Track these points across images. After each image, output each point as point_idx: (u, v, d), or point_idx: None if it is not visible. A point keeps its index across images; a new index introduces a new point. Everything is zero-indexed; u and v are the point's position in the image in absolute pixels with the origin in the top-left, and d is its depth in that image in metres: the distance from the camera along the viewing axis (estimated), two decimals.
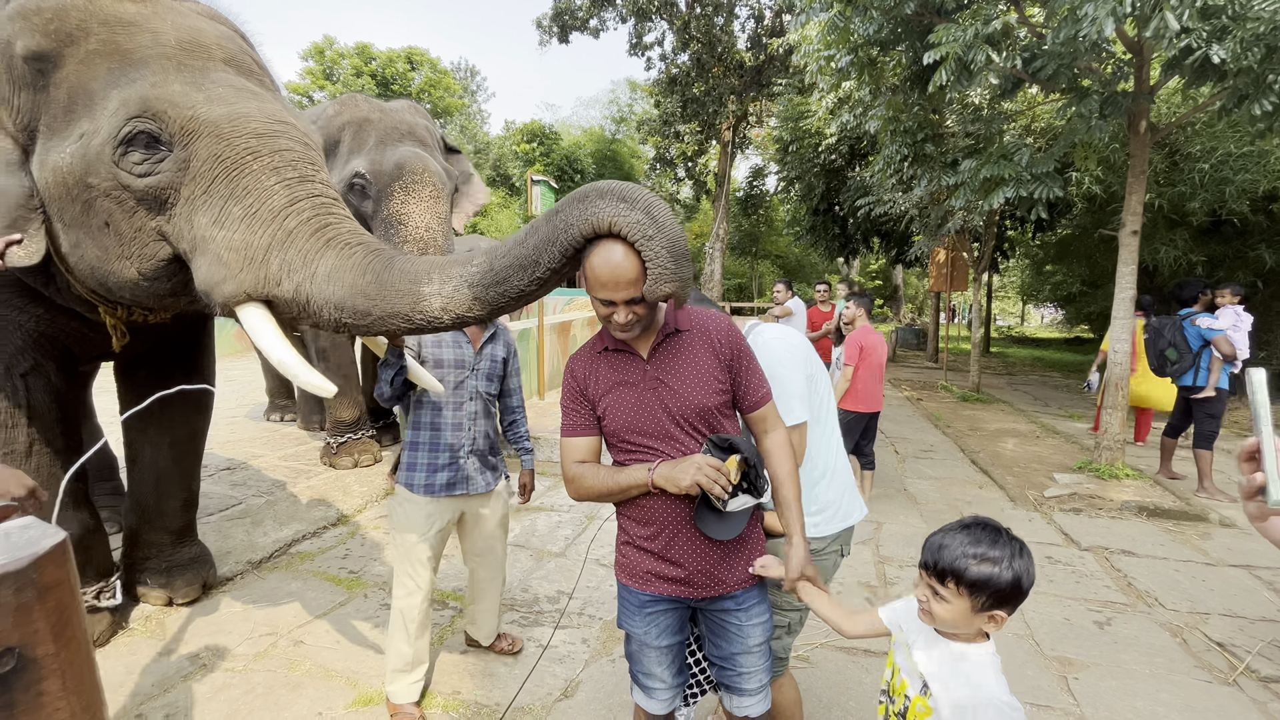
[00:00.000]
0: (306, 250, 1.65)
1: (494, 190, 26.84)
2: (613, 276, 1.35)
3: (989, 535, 1.21)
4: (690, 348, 1.54)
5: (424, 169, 4.14)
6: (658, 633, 1.60)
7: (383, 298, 1.57)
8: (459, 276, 1.53)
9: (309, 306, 1.65)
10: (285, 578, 3.38)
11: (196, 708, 2.34)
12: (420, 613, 2.30)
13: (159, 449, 2.94)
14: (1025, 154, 5.06)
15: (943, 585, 1.22)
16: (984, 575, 1.17)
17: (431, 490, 2.31)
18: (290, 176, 1.76)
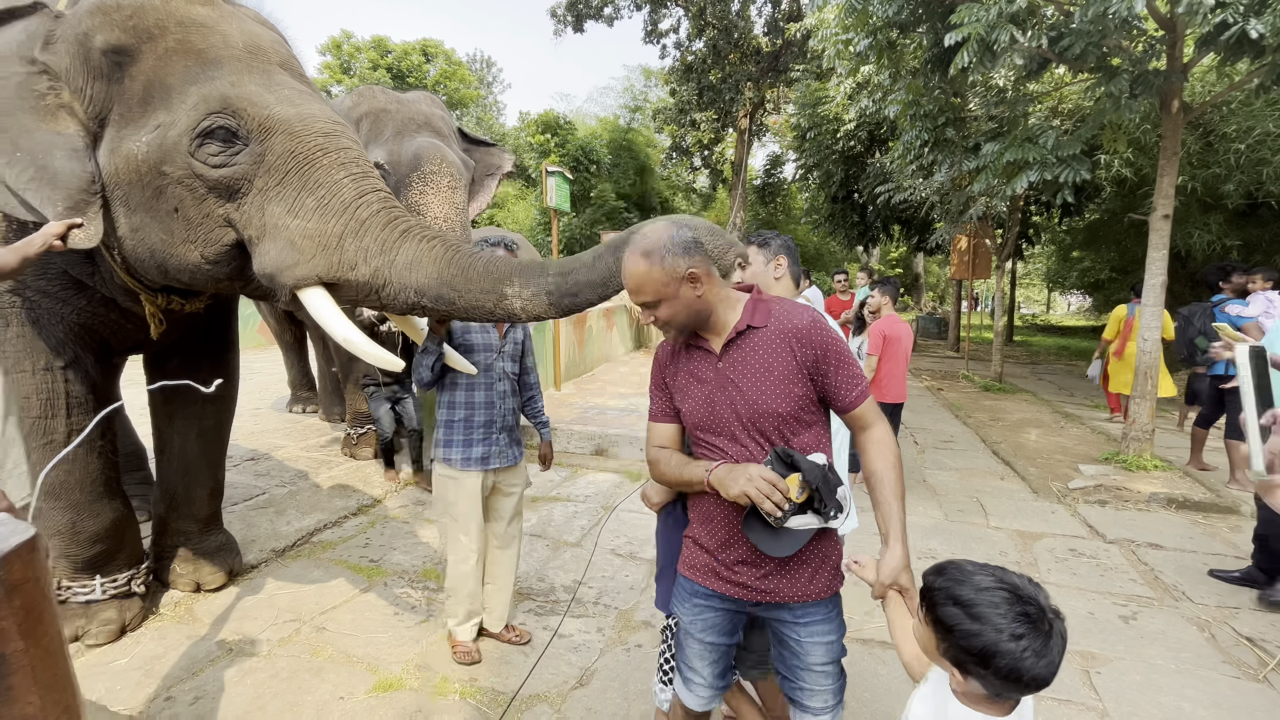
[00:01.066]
0: (384, 239, 1.85)
1: (510, 182, 26.86)
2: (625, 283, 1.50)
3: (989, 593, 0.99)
4: (766, 346, 1.46)
5: (441, 159, 4.15)
6: (703, 627, 1.57)
7: (469, 292, 1.83)
8: (538, 285, 1.84)
9: (384, 289, 1.85)
10: (308, 566, 3.45)
11: (224, 692, 2.41)
12: (474, 572, 2.60)
13: (186, 439, 3.02)
14: (1050, 136, 4.92)
15: (921, 605, 1.10)
16: (948, 621, 1.00)
17: (469, 464, 2.53)
18: (356, 172, 1.94)
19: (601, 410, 6.45)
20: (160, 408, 3.03)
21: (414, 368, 2.43)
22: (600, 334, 9.43)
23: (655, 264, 1.40)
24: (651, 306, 1.44)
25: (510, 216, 23.65)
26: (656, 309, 1.44)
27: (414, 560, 3.54)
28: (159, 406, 3.04)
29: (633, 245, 1.43)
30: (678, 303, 1.43)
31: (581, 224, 21.54)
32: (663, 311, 1.44)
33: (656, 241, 1.41)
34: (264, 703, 2.34)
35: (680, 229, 1.44)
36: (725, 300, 1.51)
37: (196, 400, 3.00)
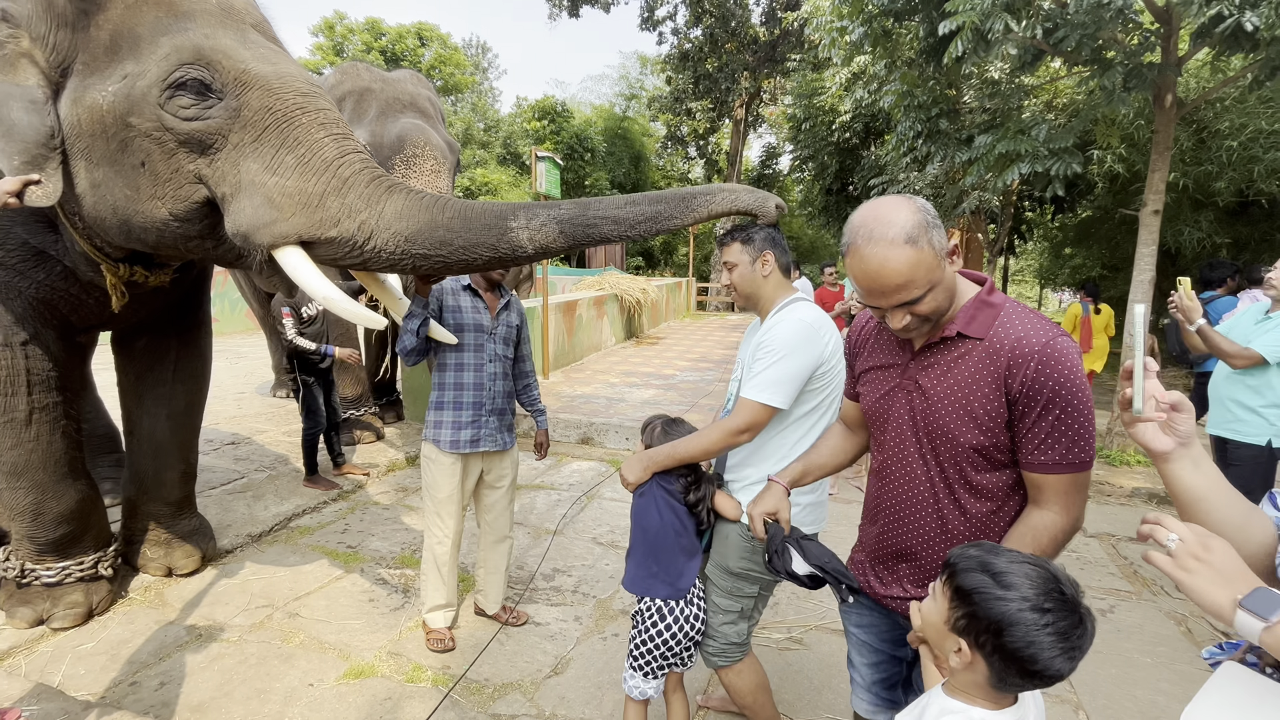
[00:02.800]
0: (369, 195, 1.80)
1: (504, 169, 26.63)
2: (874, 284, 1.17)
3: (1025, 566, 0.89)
4: (974, 363, 1.18)
5: (425, 142, 4.08)
6: (856, 619, 1.50)
7: (467, 230, 1.76)
8: (546, 213, 1.77)
9: (369, 243, 1.79)
10: (284, 551, 3.41)
11: (190, 677, 2.37)
12: (450, 557, 2.57)
13: (156, 421, 2.95)
14: (1043, 129, 4.88)
15: (941, 576, 0.99)
16: (971, 585, 0.90)
17: (457, 446, 2.48)
18: (337, 133, 1.89)
19: (589, 399, 6.40)
20: (130, 388, 2.97)
21: (400, 335, 2.35)
22: (590, 323, 9.36)
23: (924, 247, 1.12)
24: (912, 303, 1.15)
25: None
26: (920, 303, 1.15)
27: (392, 547, 3.50)
28: (128, 387, 2.97)
29: (879, 234, 1.13)
30: (943, 288, 1.17)
31: None
32: (929, 302, 1.16)
33: (910, 222, 1.12)
34: (230, 689, 2.30)
35: (914, 198, 1.18)
36: (957, 291, 1.23)
37: (166, 381, 2.94)
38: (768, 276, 1.79)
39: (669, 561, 1.76)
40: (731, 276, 1.83)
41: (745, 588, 1.80)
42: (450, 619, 2.64)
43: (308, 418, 4.08)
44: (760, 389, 1.65)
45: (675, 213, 1.73)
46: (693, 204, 1.73)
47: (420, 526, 3.75)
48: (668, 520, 1.75)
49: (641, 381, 7.45)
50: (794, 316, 1.71)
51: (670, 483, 1.77)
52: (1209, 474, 0.92)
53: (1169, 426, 0.93)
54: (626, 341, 11.10)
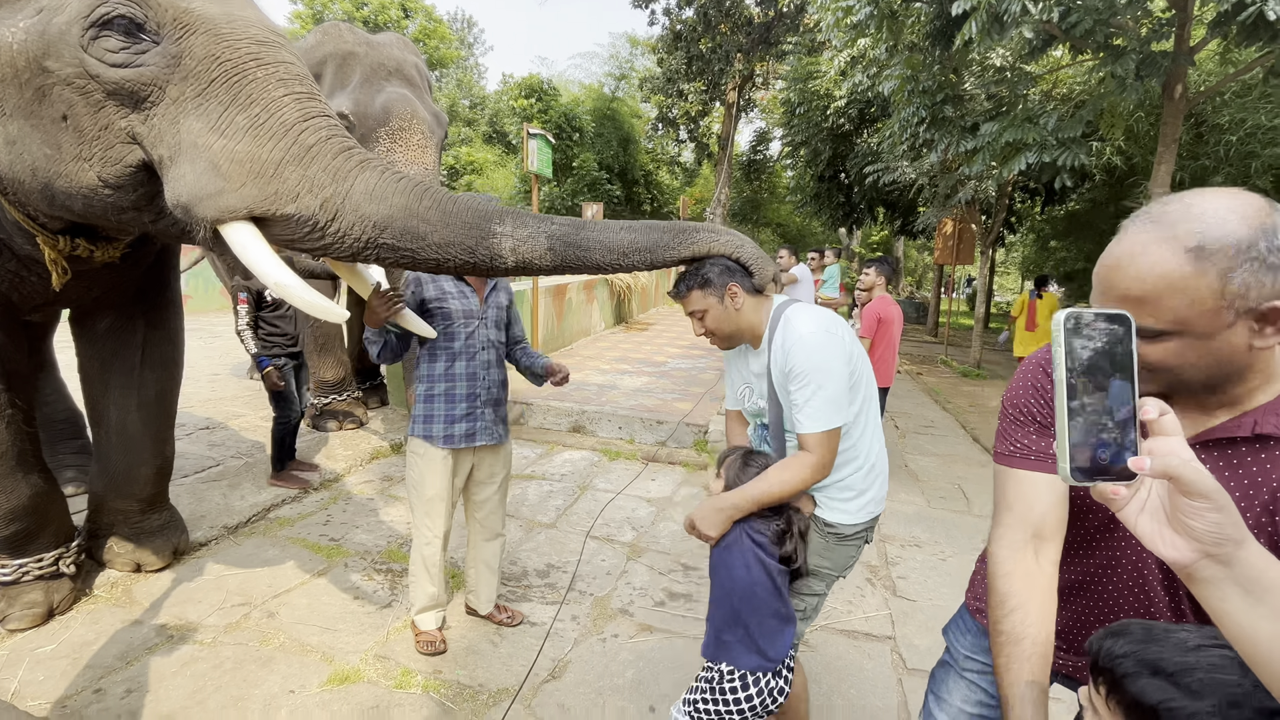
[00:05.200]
0: (336, 168, 1.55)
1: (490, 147, 26.05)
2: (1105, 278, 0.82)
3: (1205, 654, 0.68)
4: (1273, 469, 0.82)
5: (412, 114, 3.85)
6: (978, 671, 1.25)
7: (445, 225, 1.54)
8: (536, 225, 1.58)
9: (333, 225, 1.53)
10: (262, 544, 3.23)
11: (160, 684, 2.20)
12: (439, 557, 2.42)
13: (126, 412, 2.72)
14: (1052, 117, 4.78)
15: (1095, 686, 0.75)
16: (1150, 698, 0.67)
17: (451, 441, 2.33)
18: (300, 91, 1.61)
19: (580, 386, 6.25)
20: (95, 375, 2.73)
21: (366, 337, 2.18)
22: (580, 307, 9.17)
23: (1209, 272, 0.74)
24: (1142, 335, 0.77)
25: (489, 184, 22.99)
26: (1153, 342, 0.79)
27: (377, 540, 3.34)
28: (92, 374, 2.73)
29: (1168, 221, 0.77)
30: (1205, 349, 0.78)
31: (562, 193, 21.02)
32: (1163, 351, 0.79)
33: (1229, 232, 0.74)
34: (204, 697, 2.14)
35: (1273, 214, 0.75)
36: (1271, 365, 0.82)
37: (134, 367, 2.71)
38: (740, 308, 1.65)
39: (758, 625, 1.50)
40: (706, 324, 1.68)
41: (815, 585, 1.71)
42: (441, 620, 2.50)
43: (280, 406, 3.74)
44: (821, 419, 1.54)
45: (673, 244, 1.59)
46: (694, 238, 1.59)
47: (407, 518, 3.59)
48: (757, 576, 1.51)
49: (633, 368, 7.30)
50: (803, 330, 1.59)
51: (758, 531, 1.54)
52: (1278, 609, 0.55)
53: (1175, 517, 0.57)
54: (616, 327, 10.93)
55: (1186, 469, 0.55)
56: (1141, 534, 0.59)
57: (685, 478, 4.48)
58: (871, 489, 1.70)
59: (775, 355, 1.64)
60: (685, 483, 4.38)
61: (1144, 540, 0.59)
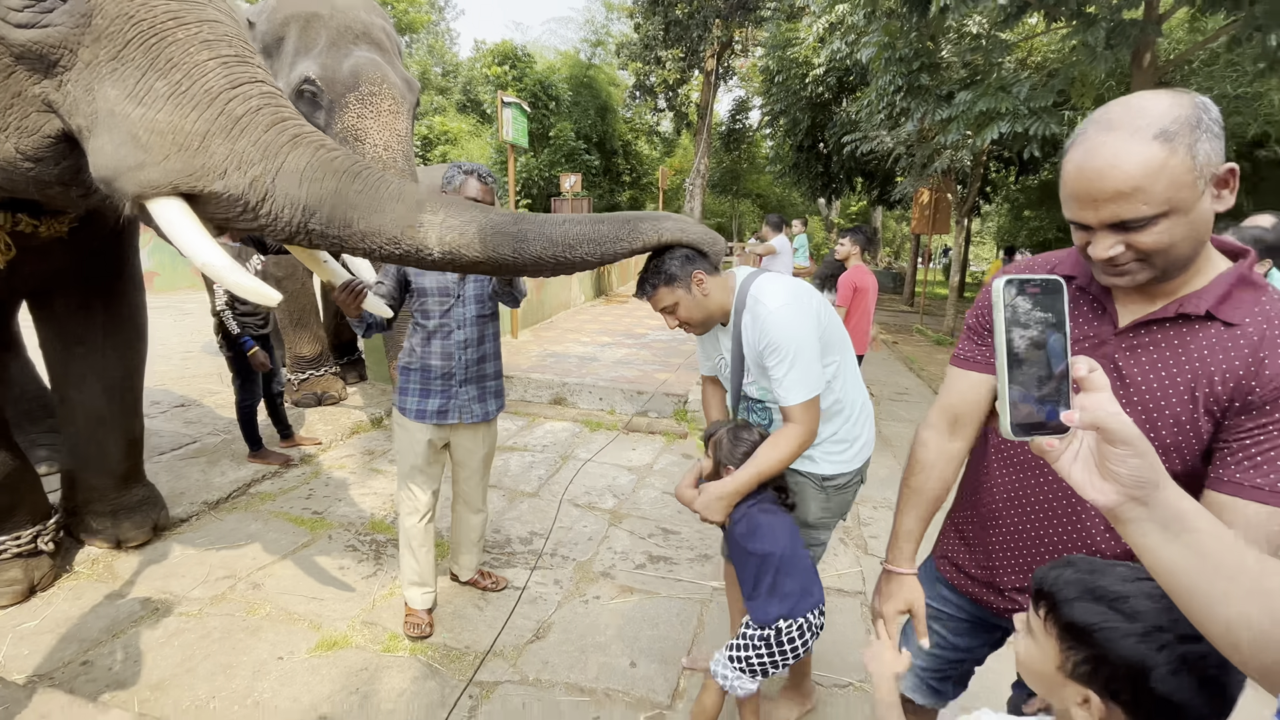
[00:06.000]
0: (266, 143, 1.42)
1: (464, 117, 25.38)
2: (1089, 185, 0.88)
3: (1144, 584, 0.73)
4: (1207, 347, 0.93)
5: (382, 79, 3.74)
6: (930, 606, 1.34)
7: (373, 211, 1.43)
8: (470, 214, 1.46)
9: (263, 205, 1.41)
10: (244, 519, 3.24)
11: (148, 654, 2.23)
12: (421, 531, 2.40)
13: (90, 390, 2.68)
14: (1024, 86, 4.82)
15: (1035, 609, 0.82)
16: (1085, 619, 0.74)
17: (423, 417, 2.31)
18: (227, 54, 1.47)
19: (560, 358, 6.27)
20: (55, 355, 2.67)
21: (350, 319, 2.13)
22: (559, 280, 9.13)
23: (1180, 151, 0.83)
24: (1135, 226, 0.87)
25: (464, 154, 22.47)
26: (1145, 229, 0.87)
27: (361, 512, 3.37)
28: (53, 354, 2.66)
29: (1125, 123, 0.86)
30: (1188, 222, 0.87)
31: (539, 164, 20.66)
32: (1157, 235, 0.87)
33: (1171, 115, 0.84)
34: (193, 665, 2.18)
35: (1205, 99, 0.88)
36: (1207, 252, 0.95)
37: (96, 347, 2.66)
38: (709, 293, 1.68)
39: (803, 575, 1.63)
40: (679, 317, 1.71)
41: (820, 535, 1.84)
42: (430, 601, 2.47)
43: (242, 387, 3.68)
44: (800, 390, 1.60)
45: (620, 235, 1.50)
46: (640, 228, 1.52)
47: (390, 490, 3.62)
48: (782, 536, 1.62)
49: (613, 340, 7.33)
50: (773, 305, 1.62)
51: (762, 501, 1.65)
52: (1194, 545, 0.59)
53: (1102, 464, 0.62)
54: (596, 299, 10.91)
55: (1112, 419, 0.60)
56: (1074, 481, 0.64)
57: (665, 446, 4.56)
58: (862, 435, 1.80)
59: (747, 333, 1.68)
60: (665, 451, 4.46)
61: (1076, 487, 0.64)
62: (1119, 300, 1.02)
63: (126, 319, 2.76)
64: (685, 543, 3.20)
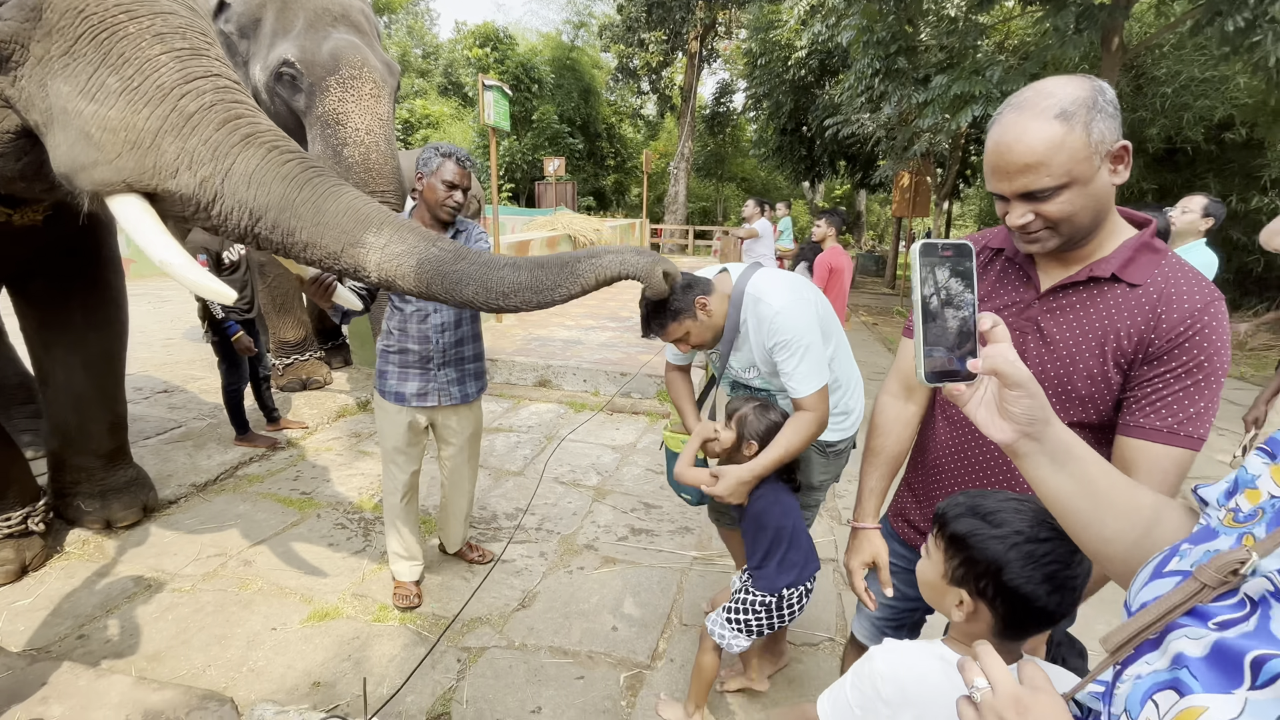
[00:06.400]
0: (217, 143, 1.41)
1: (446, 100, 25.03)
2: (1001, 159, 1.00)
3: (1014, 503, 0.87)
4: (1115, 306, 1.05)
5: (363, 62, 3.74)
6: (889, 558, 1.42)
7: (316, 224, 1.42)
8: (412, 244, 1.44)
9: (213, 206, 1.42)
10: (232, 500, 3.29)
11: (143, 628, 2.30)
12: (403, 509, 2.45)
13: (71, 372, 2.71)
14: (997, 70, 4.92)
15: (932, 531, 0.96)
16: (963, 530, 0.87)
17: (401, 399, 2.33)
18: (180, 47, 1.45)
19: (544, 341, 6.32)
20: (34, 336, 2.69)
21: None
22: None
23: (1076, 129, 0.95)
24: (1041, 196, 0.99)
25: (446, 138, 22.19)
26: (1050, 199, 0.99)
27: (349, 492, 3.43)
28: (33, 335, 2.69)
29: (1032, 104, 0.98)
30: (1088, 193, 0.98)
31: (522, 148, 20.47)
32: (1060, 204, 0.99)
33: (1078, 97, 0.96)
34: (188, 637, 2.25)
35: (1104, 84, 0.99)
36: (1113, 221, 1.07)
37: (75, 328, 2.68)
38: (713, 312, 1.79)
39: (806, 545, 1.79)
40: (691, 342, 1.83)
41: (818, 496, 2.08)
42: (417, 573, 2.54)
43: (228, 371, 3.71)
44: (812, 380, 1.72)
45: (559, 281, 1.46)
46: (577, 270, 1.47)
47: (377, 471, 3.68)
48: (793, 513, 1.77)
49: (597, 324, 7.39)
50: (778, 304, 1.73)
51: (776, 481, 1.78)
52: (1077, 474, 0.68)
53: (1001, 406, 0.69)
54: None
55: (1009, 366, 0.67)
56: (979, 422, 0.72)
57: (648, 426, 4.66)
58: (857, 406, 2.02)
59: (752, 335, 1.80)
60: (648, 430, 4.56)
61: (981, 427, 0.72)
62: (1040, 268, 1.14)
63: (105, 301, 2.78)
64: (666, 516, 3.31)
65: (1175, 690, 0.45)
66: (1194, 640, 0.46)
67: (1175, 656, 0.47)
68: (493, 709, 2.00)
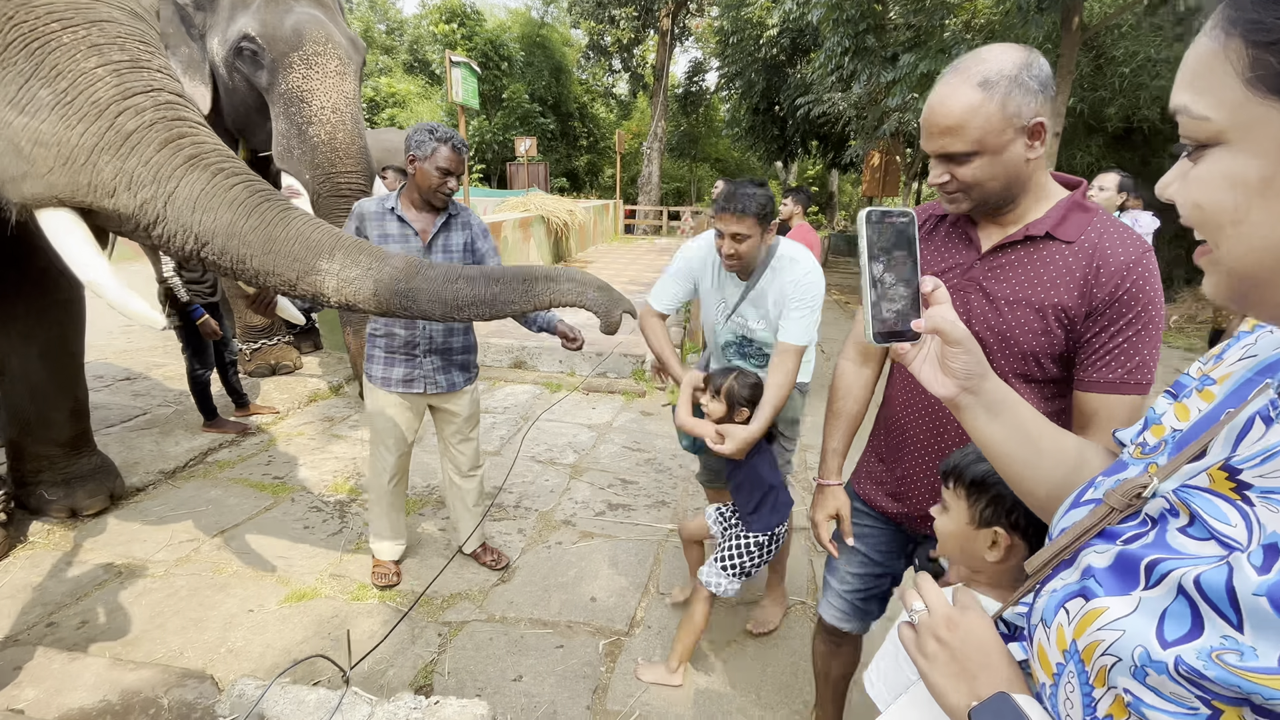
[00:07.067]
0: (158, 164, 1.37)
1: (413, 78, 24.35)
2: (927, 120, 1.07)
3: None
4: (1053, 262, 1.11)
5: (327, 38, 3.64)
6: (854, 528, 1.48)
7: (269, 254, 1.42)
8: (367, 266, 1.46)
9: (154, 228, 1.38)
10: (203, 486, 3.24)
11: (116, 613, 2.27)
12: (390, 491, 2.46)
13: (27, 359, 2.63)
14: (963, 49, 4.98)
15: (946, 486, 0.98)
16: (983, 472, 0.91)
17: (388, 385, 2.33)
18: (118, 60, 1.38)
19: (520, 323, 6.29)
20: None
21: None
22: (516, 245, 9.06)
23: (994, 99, 1.01)
24: (956, 159, 1.06)
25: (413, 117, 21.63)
26: (963, 164, 1.06)
27: (323, 475, 3.41)
28: None
29: (964, 69, 1.04)
30: (999, 163, 1.05)
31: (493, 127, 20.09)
32: (972, 170, 1.06)
33: (1002, 69, 1.01)
34: (163, 620, 2.24)
35: (1037, 58, 1.05)
36: (1040, 185, 1.13)
37: (32, 315, 2.60)
38: (767, 245, 1.99)
39: (785, 489, 2.02)
40: (740, 249, 1.90)
41: (799, 429, 2.35)
42: (398, 553, 2.55)
43: (193, 356, 3.62)
44: (806, 335, 1.95)
45: (512, 299, 1.51)
46: (533, 291, 1.52)
47: (352, 454, 3.66)
48: (775, 463, 2.00)
49: None
50: (810, 265, 1.96)
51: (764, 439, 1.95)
52: (1010, 423, 0.72)
53: (942, 362, 0.72)
54: (555, 265, 10.85)
55: (949, 325, 0.70)
56: (923, 378, 0.74)
57: (624, 405, 4.70)
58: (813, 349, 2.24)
59: (771, 287, 1.99)
60: (624, 409, 4.60)
61: (925, 383, 0.74)
62: (981, 230, 1.19)
63: (59, 286, 2.69)
64: (643, 491, 3.37)
65: (1083, 597, 0.50)
66: (1100, 554, 0.52)
67: (1084, 569, 0.53)
68: (474, 679, 2.05)
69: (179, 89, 1.50)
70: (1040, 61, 1.04)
